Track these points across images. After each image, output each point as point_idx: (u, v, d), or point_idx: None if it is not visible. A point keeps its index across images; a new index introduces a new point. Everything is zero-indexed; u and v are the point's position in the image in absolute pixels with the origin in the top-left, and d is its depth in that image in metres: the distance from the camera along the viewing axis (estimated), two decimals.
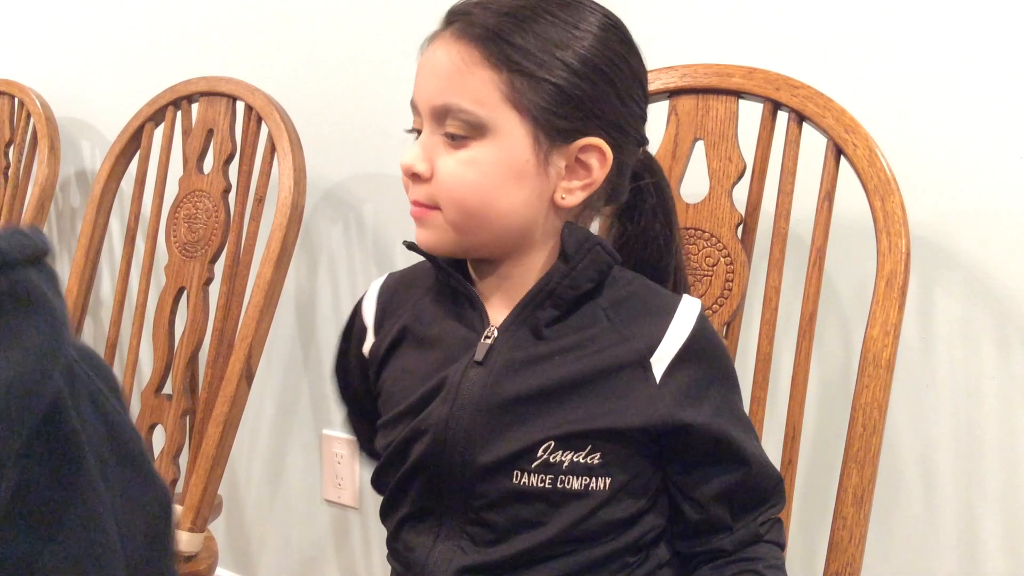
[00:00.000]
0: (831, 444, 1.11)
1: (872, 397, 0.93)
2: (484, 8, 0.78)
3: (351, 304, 0.95)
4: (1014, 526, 1.10)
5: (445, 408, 0.80)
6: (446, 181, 0.78)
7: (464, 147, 0.78)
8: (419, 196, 0.80)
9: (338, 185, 1.53)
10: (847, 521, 0.93)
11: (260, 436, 1.71)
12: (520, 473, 0.78)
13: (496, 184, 0.78)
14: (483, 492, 0.80)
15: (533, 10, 0.78)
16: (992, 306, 1.06)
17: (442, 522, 0.82)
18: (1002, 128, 1.03)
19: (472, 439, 0.79)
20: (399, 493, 0.85)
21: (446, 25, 0.81)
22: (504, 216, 0.79)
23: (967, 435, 1.10)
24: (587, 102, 0.78)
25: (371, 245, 1.51)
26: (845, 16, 1.10)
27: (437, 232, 0.81)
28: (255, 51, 1.55)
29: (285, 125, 1.33)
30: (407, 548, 0.84)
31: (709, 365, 0.82)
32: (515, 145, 0.77)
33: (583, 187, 0.80)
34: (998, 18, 1.02)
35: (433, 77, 0.79)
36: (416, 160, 0.80)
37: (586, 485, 0.79)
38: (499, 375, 0.80)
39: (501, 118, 0.77)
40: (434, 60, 0.79)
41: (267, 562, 1.75)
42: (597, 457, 0.78)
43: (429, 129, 0.80)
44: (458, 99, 0.77)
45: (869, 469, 0.93)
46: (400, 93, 1.44)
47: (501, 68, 0.76)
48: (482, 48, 0.77)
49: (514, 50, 0.76)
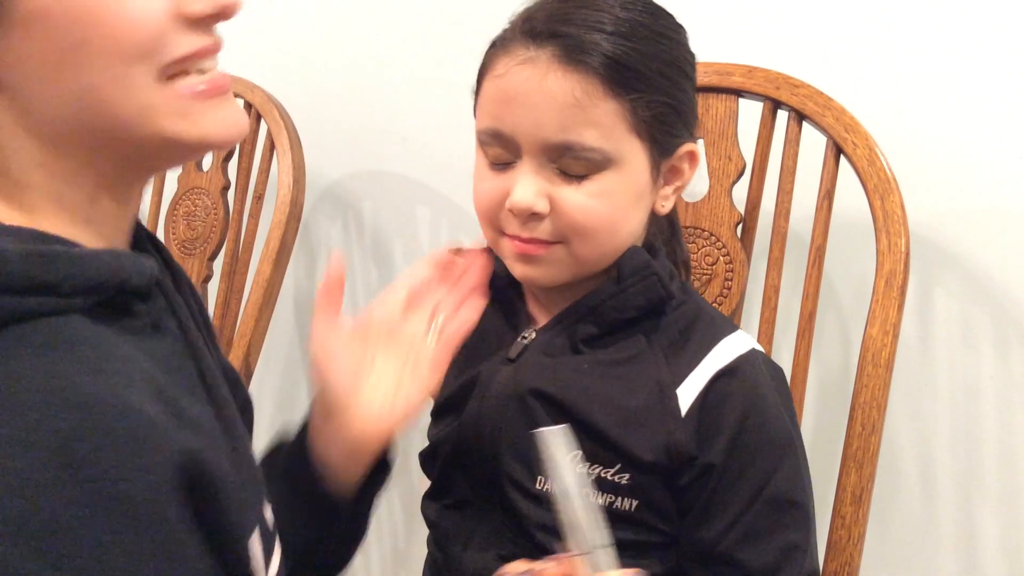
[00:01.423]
0: (830, 443, 1.11)
1: (871, 396, 0.93)
2: (588, 29, 0.73)
3: (350, 302, 0.95)
4: (1013, 525, 1.10)
5: (475, 404, 0.81)
6: (576, 217, 0.75)
7: (589, 181, 0.74)
8: (539, 234, 0.76)
9: (337, 183, 1.53)
10: (846, 520, 0.93)
11: (258, 435, 1.70)
12: (544, 480, 0.77)
13: (624, 211, 0.77)
14: (512, 496, 0.79)
15: (633, 25, 0.74)
16: (991, 306, 1.06)
17: (480, 515, 0.82)
18: (1002, 128, 1.03)
19: (499, 435, 0.79)
20: (441, 483, 0.86)
21: (536, 44, 0.74)
22: (625, 239, 0.78)
23: (966, 434, 1.10)
24: (684, 110, 0.78)
25: (370, 243, 1.51)
26: (845, 16, 1.10)
27: (556, 267, 0.78)
28: (254, 48, 1.54)
29: (284, 122, 1.33)
30: (445, 537, 0.85)
31: (741, 423, 0.76)
32: (637, 170, 0.76)
33: (675, 191, 0.81)
34: (998, 18, 1.02)
35: (540, 111, 0.73)
36: (535, 200, 0.75)
37: (611, 503, 0.77)
38: (527, 371, 0.80)
39: (626, 148, 0.75)
40: (541, 91, 0.73)
41: None
42: (626, 478, 0.76)
43: (536, 163, 0.75)
44: (581, 137, 0.73)
45: (868, 468, 0.93)
46: (400, 91, 1.45)
47: (623, 96, 0.73)
48: (604, 78, 0.72)
49: (633, 75, 0.73)
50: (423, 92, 1.41)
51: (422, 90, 1.41)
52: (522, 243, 0.77)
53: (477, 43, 1.36)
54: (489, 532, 0.81)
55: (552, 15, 0.75)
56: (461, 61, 1.39)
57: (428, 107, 1.41)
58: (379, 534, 1.61)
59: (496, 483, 0.80)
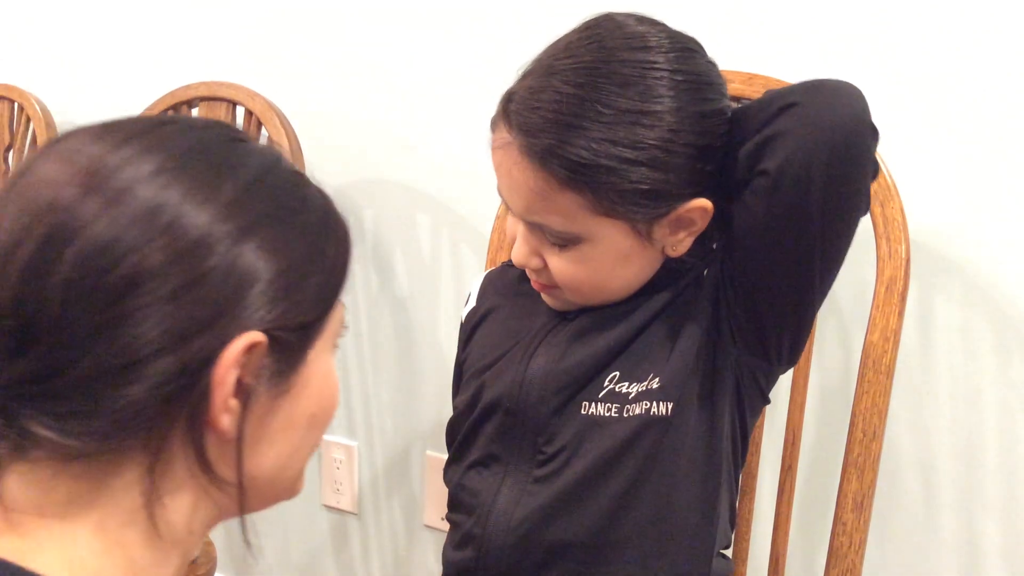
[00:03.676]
0: (831, 449, 1.11)
1: (872, 403, 0.93)
2: (550, 124, 0.75)
3: (350, 309, 0.96)
4: (1013, 532, 1.09)
5: (525, 354, 0.85)
6: (559, 278, 0.82)
7: (567, 249, 0.80)
8: (541, 279, 0.85)
9: (338, 191, 1.53)
10: (847, 527, 0.93)
11: None
12: (589, 404, 0.82)
13: (607, 271, 0.81)
14: (553, 428, 0.83)
15: (595, 107, 0.74)
16: (992, 312, 1.06)
17: (508, 467, 0.85)
18: (1003, 133, 1.03)
19: (548, 381, 0.83)
20: (469, 439, 0.88)
21: (508, 122, 0.78)
22: (623, 287, 0.84)
23: (967, 441, 1.10)
24: (679, 184, 0.77)
25: (371, 251, 1.51)
26: (844, 22, 1.10)
27: (563, 302, 0.86)
28: (255, 56, 1.55)
29: (285, 130, 1.33)
30: (472, 495, 0.87)
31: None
32: (615, 240, 0.79)
33: (689, 235, 0.82)
34: (998, 18, 1.02)
35: (515, 193, 0.80)
36: (527, 259, 0.83)
37: (647, 409, 0.81)
38: (581, 329, 0.85)
39: (595, 228, 0.78)
40: (512, 176, 0.79)
41: (265, 567, 1.75)
42: (656, 381, 0.81)
43: (527, 228, 0.82)
44: (548, 220, 0.79)
45: (869, 475, 0.93)
46: (401, 99, 1.45)
47: (584, 189, 0.75)
48: (556, 173, 0.75)
49: (591, 172, 0.74)
50: (424, 100, 1.42)
51: (423, 98, 1.42)
52: (535, 282, 0.86)
53: (478, 51, 1.37)
54: (519, 470, 0.84)
55: (525, 101, 0.77)
56: (462, 69, 1.39)
57: (429, 115, 1.42)
58: (380, 540, 1.61)
59: (536, 426, 0.84)
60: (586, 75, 0.75)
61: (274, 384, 0.56)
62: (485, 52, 1.35)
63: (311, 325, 0.57)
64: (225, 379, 0.52)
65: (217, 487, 0.56)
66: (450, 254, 1.44)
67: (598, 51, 0.76)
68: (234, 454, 0.55)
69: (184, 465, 0.54)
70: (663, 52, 0.76)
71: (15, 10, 1.85)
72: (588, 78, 0.75)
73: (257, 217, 0.54)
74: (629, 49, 0.76)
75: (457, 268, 1.44)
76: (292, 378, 0.57)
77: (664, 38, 0.78)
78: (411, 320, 1.49)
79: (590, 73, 0.75)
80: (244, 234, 0.53)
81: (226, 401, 0.53)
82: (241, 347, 0.52)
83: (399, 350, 1.51)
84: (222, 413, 0.53)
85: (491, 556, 0.83)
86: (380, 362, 1.53)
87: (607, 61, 0.75)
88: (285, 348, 0.55)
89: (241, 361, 0.53)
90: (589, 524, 0.81)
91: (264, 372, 0.55)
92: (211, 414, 0.53)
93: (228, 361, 0.52)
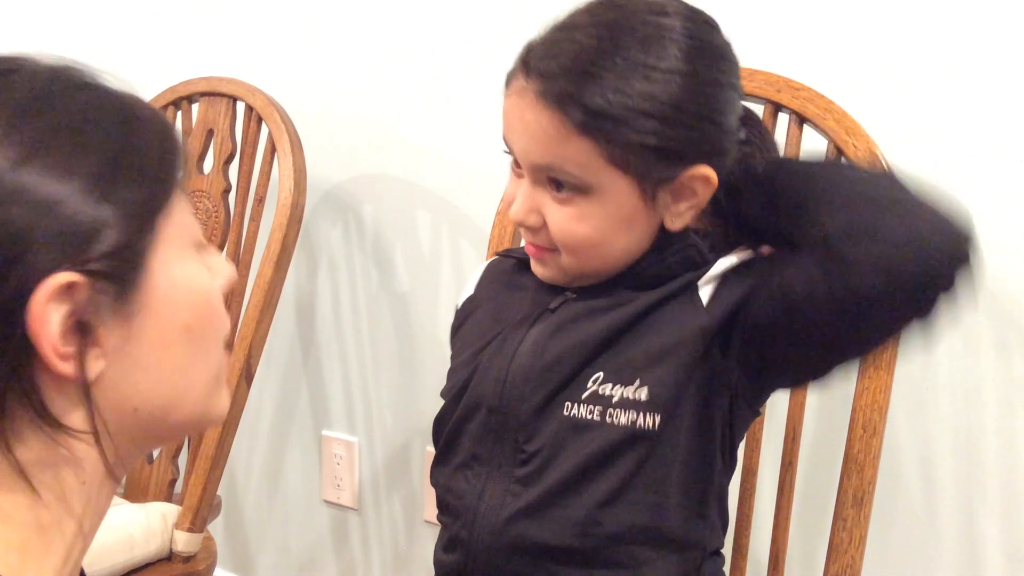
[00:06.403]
0: (831, 446, 1.11)
1: (872, 399, 0.93)
2: (569, 70, 0.76)
3: (350, 305, 0.95)
4: (1013, 528, 1.10)
5: (509, 347, 0.85)
6: (557, 235, 0.81)
7: (571, 202, 0.79)
8: (536, 241, 0.83)
9: (338, 186, 1.53)
10: (847, 523, 0.93)
11: (259, 437, 1.71)
12: (571, 404, 0.81)
13: (607, 233, 0.80)
14: (534, 426, 0.82)
15: (613, 59, 0.75)
16: (992, 309, 1.06)
17: (490, 468, 0.84)
18: (1003, 131, 1.03)
19: (529, 376, 0.83)
20: (454, 438, 0.88)
21: (525, 71, 0.79)
22: (619, 255, 0.83)
23: (967, 437, 1.10)
24: (686, 144, 0.78)
25: (371, 246, 1.51)
26: (847, 18, 1.10)
27: (556, 270, 0.84)
28: (256, 51, 1.55)
29: (285, 126, 1.33)
30: (457, 497, 0.87)
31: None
32: (622, 198, 0.79)
33: (690, 208, 0.82)
34: (998, 18, 1.02)
35: (527, 137, 0.79)
36: (526, 214, 0.81)
37: (633, 421, 0.80)
38: (563, 321, 0.84)
39: (606, 179, 0.78)
40: (525, 120, 0.78)
41: (266, 563, 1.75)
42: (644, 392, 0.80)
43: (532, 178, 0.81)
44: (560, 162, 0.78)
45: (869, 471, 0.93)
46: (401, 94, 1.45)
47: (598, 138, 0.76)
48: (573, 116, 0.75)
49: (608, 121, 0.75)
50: (424, 96, 1.42)
51: (423, 94, 1.42)
52: (530, 245, 0.84)
53: (478, 47, 1.37)
54: (500, 471, 0.84)
55: (545, 50, 0.78)
56: (462, 65, 1.39)
57: (429, 111, 1.41)
58: (380, 535, 1.61)
59: (518, 425, 0.83)
60: (606, 30, 0.77)
61: (119, 309, 0.51)
62: (485, 49, 1.35)
63: (136, 238, 0.52)
64: (43, 331, 0.48)
65: (76, 438, 0.52)
66: (450, 250, 1.44)
67: (619, 12, 0.78)
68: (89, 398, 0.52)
69: (28, 422, 0.51)
70: (681, 18, 0.79)
71: (16, 7, 1.85)
72: (608, 32, 0.77)
73: (34, 142, 0.50)
74: (650, 13, 0.78)
75: (457, 264, 1.44)
76: (138, 297, 0.52)
77: (684, 8, 0.80)
78: (411, 316, 1.49)
79: (610, 28, 0.77)
80: (22, 161, 0.49)
81: (56, 349, 0.49)
82: (48, 293, 0.48)
83: (399, 346, 1.51)
84: (59, 362, 0.49)
85: (479, 559, 0.83)
86: (380, 358, 1.53)
87: (628, 19, 0.77)
88: (112, 273, 0.51)
89: (58, 307, 0.49)
90: (574, 528, 0.80)
91: (101, 302, 0.50)
92: (49, 365, 0.49)
93: (38, 312, 0.48)
